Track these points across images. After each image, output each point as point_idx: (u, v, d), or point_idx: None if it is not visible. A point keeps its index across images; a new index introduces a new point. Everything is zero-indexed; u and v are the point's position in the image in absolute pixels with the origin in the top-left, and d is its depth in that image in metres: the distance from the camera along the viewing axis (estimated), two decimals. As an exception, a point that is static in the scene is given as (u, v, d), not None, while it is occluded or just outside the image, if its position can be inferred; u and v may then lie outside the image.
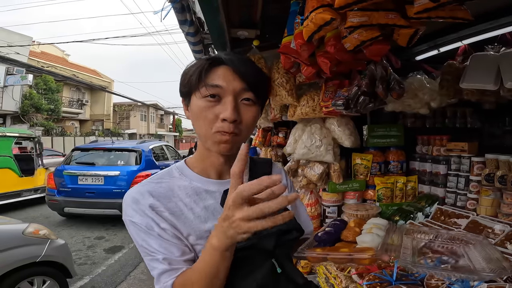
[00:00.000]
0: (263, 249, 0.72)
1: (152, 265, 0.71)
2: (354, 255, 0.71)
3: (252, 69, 0.77)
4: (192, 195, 0.77)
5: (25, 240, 2.53)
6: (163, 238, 0.71)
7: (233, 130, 0.72)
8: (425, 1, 0.77)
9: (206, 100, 0.72)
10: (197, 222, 0.75)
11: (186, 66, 0.80)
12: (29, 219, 4.76)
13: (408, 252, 0.76)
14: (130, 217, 0.73)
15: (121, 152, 6.35)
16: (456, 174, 1.89)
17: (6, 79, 15.49)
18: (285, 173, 0.97)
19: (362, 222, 0.89)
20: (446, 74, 1.64)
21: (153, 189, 0.76)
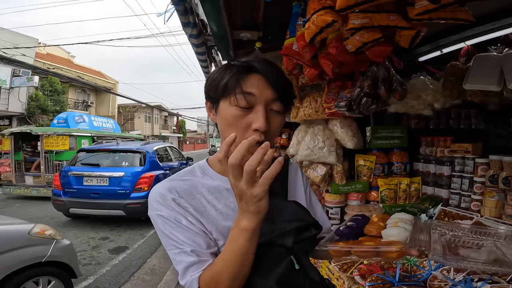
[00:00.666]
0: (282, 246, 0.73)
1: (179, 259, 0.71)
2: (381, 248, 0.69)
3: (283, 79, 0.77)
4: (214, 193, 0.79)
5: (31, 240, 2.56)
6: (191, 231, 0.73)
7: (263, 139, 0.71)
8: (426, 2, 0.77)
9: (238, 108, 0.72)
10: (219, 219, 0.77)
11: (215, 69, 0.81)
12: (35, 220, 4.80)
13: (438, 247, 0.73)
14: (158, 211, 0.75)
15: (126, 153, 6.39)
16: (460, 176, 1.88)
17: (12, 81, 15.67)
18: (301, 170, 0.98)
19: (386, 217, 0.87)
20: (449, 75, 1.63)
21: (177, 185, 0.78)
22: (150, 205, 0.77)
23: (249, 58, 0.78)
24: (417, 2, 0.82)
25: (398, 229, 0.76)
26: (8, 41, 14.26)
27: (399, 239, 0.71)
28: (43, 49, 19.29)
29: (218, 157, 0.66)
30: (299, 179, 0.94)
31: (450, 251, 0.74)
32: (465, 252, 0.76)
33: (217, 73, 0.77)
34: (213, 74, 0.79)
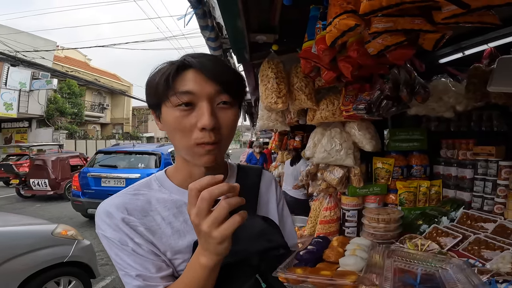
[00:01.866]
0: (248, 265, 0.70)
1: (125, 280, 0.68)
2: (337, 281, 0.68)
3: (225, 69, 0.69)
4: (171, 208, 0.73)
5: (54, 240, 2.63)
6: (137, 254, 0.67)
7: (214, 139, 0.65)
8: (454, 7, 0.76)
9: (179, 109, 0.65)
10: (175, 237, 0.71)
11: (149, 74, 0.71)
12: (54, 220, 4.95)
13: (389, 275, 0.73)
14: (102, 231, 0.69)
15: (142, 155, 6.52)
16: (483, 179, 1.84)
17: (32, 84, 16.21)
18: (275, 182, 0.92)
19: (345, 241, 0.87)
20: (472, 77, 1.60)
21: (129, 201, 0.71)
22: (96, 223, 0.71)
23: (184, 55, 0.70)
24: (444, 6, 0.81)
25: (355, 258, 0.76)
26: (28, 44, 14.72)
27: (355, 269, 0.71)
28: (61, 52, 19.85)
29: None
30: (272, 191, 0.89)
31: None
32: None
33: (151, 77, 0.70)
34: (149, 79, 0.70)
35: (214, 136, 0.65)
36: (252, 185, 0.84)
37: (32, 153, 10.96)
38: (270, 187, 0.89)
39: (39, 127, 17.77)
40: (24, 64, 13.62)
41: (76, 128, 19.41)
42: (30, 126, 17.69)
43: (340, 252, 0.81)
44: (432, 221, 1.84)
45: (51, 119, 17.88)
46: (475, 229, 1.62)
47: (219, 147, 0.67)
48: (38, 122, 17.81)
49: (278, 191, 0.90)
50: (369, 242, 0.86)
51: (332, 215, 2.26)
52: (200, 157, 0.67)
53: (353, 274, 0.69)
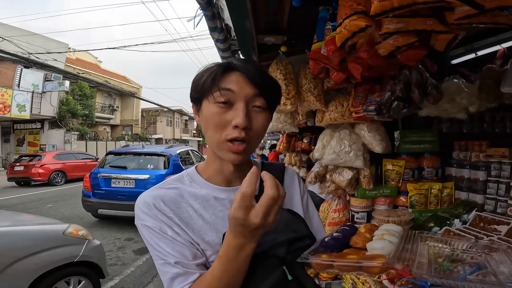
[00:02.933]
0: (275, 256, 0.72)
1: (163, 270, 0.70)
2: (363, 263, 0.67)
3: (263, 75, 0.76)
4: (201, 202, 0.78)
5: (65, 240, 2.67)
6: (176, 241, 0.71)
7: (244, 136, 0.70)
8: (467, 8, 0.74)
9: (217, 105, 0.71)
10: (206, 229, 0.75)
11: (197, 72, 0.79)
12: (65, 220, 5.03)
13: (423, 261, 0.69)
14: (143, 221, 0.73)
15: (151, 156, 6.57)
16: (497, 181, 1.80)
17: (44, 85, 16.53)
18: (298, 177, 0.95)
19: (374, 228, 0.84)
20: (485, 78, 1.57)
21: (163, 194, 0.76)
22: (136, 215, 0.75)
23: (231, 58, 0.79)
24: (457, 7, 0.79)
25: (383, 242, 0.73)
26: (41, 46, 15.01)
27: (383, 253, 0.69)
28: (73, 54, 20.21)
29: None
30: (296, 186, 0.92)
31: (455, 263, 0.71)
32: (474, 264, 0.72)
33: (198, 75, 0.77)
34: (196, 76, 0.78)
35: (244, 134, 0.70)
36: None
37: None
38: (293, 182, 0.92)
39: (51, 128, 18.10)
40: (37, 66, 13.94)
41: (87, 130, 19.71)
42: (43, 127, 18.03)
43: (368, 237, 0.79)
44: (444, 224, 1.81)
45: (63, 120, 18.20)
46: (488, 231, 1.58)
47: (246, 147, 0.73)
48: (50, 124, 18.14)
49: (302, 186, 0.93)
50: (400, 228, 0.83)
51: (341, 217, 2.25)
52: (228, 153, 0.72)
53: (382, 257, 0.67)
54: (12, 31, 14.50)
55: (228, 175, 0.81)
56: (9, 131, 17.92)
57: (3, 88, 14.79)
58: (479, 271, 1.18)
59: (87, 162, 13.56)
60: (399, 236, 0.78)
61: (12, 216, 3.23)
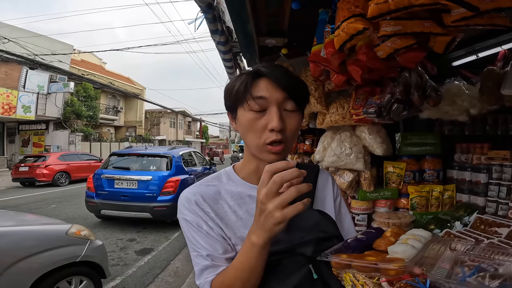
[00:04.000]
0: (302, 255, 0.74)
1: (196, 261, 0.77)
2: (380, 265, 0.66)
3: (291, 78, 0.79)
4: (236, 199, 0.82)
5: (68, 240, 2.68)
6: (209, 236, 0.77)
7: (281, 138, 0.74)
8: (463, 10, 0.75)
9: (253, 113, 0.75)
10: (239, 225, 0.79)
11: (228, 81, 0.84)
12: (68, 220, 5.06)
13: (446, 266, 0.67)
14: (183, 215, 0.80)
15: (154, 158, 6.61)
16: (498, 183, 1.79)
17: (49, 87, 16.67)
18: (332, 179, 0.97)
19: (400, 232, 0.82)
20: (486, 80, 1.56)
21: (203, 191, 0.82)
22: (178, 209, 0.82)
23: (258, 65, 0.80)
24: (453, 9, 0.79)
25: (405, 246, 0.72)
26: (46, 48, 15.13)
27: (403, 257, 0.68)
28: (78, 56, 20.35)
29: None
30: (329, 188, 0.93)
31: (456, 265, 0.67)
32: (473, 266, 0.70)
33: (231, 84, 0.81)
34: (228, 85, 0.82)
35: (281, 136, 0.74)
36: (310, 181, 0.89)
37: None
38: (327, 184, 0.94)
39: (56, 129, 18.24)
40: (42, 67, 14.05)
41: (91, 131, 19.83)
42: (48, 128, 18.16)
43: (392, 241, 0.78)
44: (444, 226, 1.80)
45: (67, 121, 18.33)
46: (489, 234, 1.58)
47: (284, 147, 0.77)
48: (55, 125, 18.27)
49: (335, 189, 0.95)
50: (429, 234, 0.81)
51: (341, 220, 2.24)
52: (268, 154, 0.76)
53: (400, 261, 0.66)
54: (18, 32, 14.65)
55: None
56: (14, 132, 18.09)
57: (9, 89, 14.96)
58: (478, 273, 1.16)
59: (91, 163, 13.64)
60: (425, 241, 0.77)
61: (16, 216, 3.26)
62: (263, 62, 0.82)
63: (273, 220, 0.59)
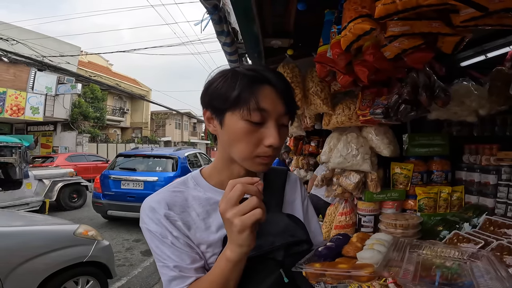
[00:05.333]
0: (272, 260, 0.73)
1: (163, 272, 0.74)
2: (352, 272, 0.70)
3: (291, 91, 0.75)
4: (205, 206, 0.78)
5: (75, 240, 2.71)
6: (175, 246, 0.73)
7: (275, 154, 0.73)
8: (472, 10, 0.74)
9: (248, 123, 0.69)
10: (208, 232, 0.76)
11: (215, 74, 0.75)
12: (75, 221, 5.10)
13: (411, 268, 0.71)
14: (146, 225, 0.76)
15: (159, 158, 6.65)
16: (507, 184, 1.76)
17: (57, 88, 16.87)
18: (300, 182, 0.97)
19: (365, 237, 0.87)
20: (495, 80, 1.54)
21: (169, 198, 0.78)
22: (141, 217, 0.78)
23: (253, 66, 0.76)
24: (462, 9, 0.79)
25: (372, 251, 0.75)
26: (54, 49, 15.30)
27: (372, 262, 0.71)
28: (85, 57, 20.55)
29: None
30: (298, 191, 0.93)
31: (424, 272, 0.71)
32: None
33: (222, 82, 0.72)
34: (216, 81, 0.73)
35: (275, 152, 0.72)
36: (278, 185, 0.89)
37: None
38: (295, 187, 0.93)
39: (63, 130, 18.44)
40: (50, 69, 14.23)
41: (98, 132, 20.02)
42: (55, 129, 18.36)
43: (359, 247, 0.81)
44: (453, 227, 1.78)
45: (75, 122, 18.51)
46: (498, 235, 1.56)
47: (273, 160, 0.75)
48: (62, 126, 18.47)
49: (303, 191, 0.95)
50: (390, 237, 0.85)
51: (347, 220, 2.23)
52: (257, 165, 0.74)
53: (370, 266, 0.70)
54: (26, 34, 14.84)
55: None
56: (22, 133, 18.30)
57: (17, 90, 15.16)
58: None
59: (98, 164, 13.77)
60: (388, 245, 0.81)
61: (25, 216, 3.30)
62: (261, 65, 0.78)
63: (234, 228, 0.59)
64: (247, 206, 0.58)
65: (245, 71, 0.71)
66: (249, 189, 0.59)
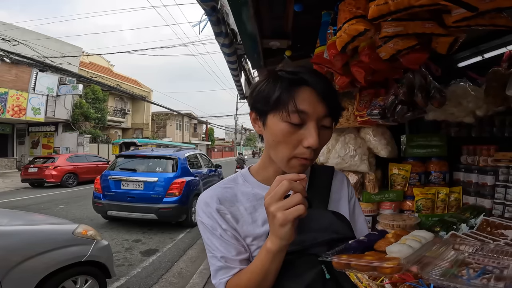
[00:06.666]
0: (314, 255, 0.73)
1: (211, 262, 0.79)
2: (375, 263, 0.68)
3: (333, 92, 0.75)
4: (252, 201, 0.82)
5: (75, 240, 2.71)
6: (223, 238, 0.78)
7: (313, 156, 0.72)
8: (463, 10, 0.74)
9: (288, 124, 0.70)
10: (254, 226, 0.80)
11: (260, 79, 0.79)
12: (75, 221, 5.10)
13: (445, 265, 0.67)
14: (200, 218, 0.81)
15: (160, 159, 6.65)
16: (505, 185, 1.77)
17: (59, 89, 16.93)
18: (347, 181, 0.96)
19: (403, 234, 0.82)
20: (491, 81, 1.54)
21: (220, 193, 0.83)
22: (196, 211, 0.84)
23: (295, 68, 0.75)
24: (453, 10, 0.79)
25: (402, 246, 0.73)
26: (55, 50, 15.34)
27: (399, 256, 0.69)
28: (86, 58, 20.59)
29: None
30: (344, 189, 0.93)
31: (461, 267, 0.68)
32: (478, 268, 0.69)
33: (264, 85, 0.75)
34: (259, 85, 0.76)
35: (314, 154, 0.72)
36: (324, 183, 0.90)
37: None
38: (342, 185, 0.93)
39: (64, 131, 18.49)
40: (52, 70, 14.28)
41: (99, 133, 20.05)
42: (57, 130, 18.41)
43: (392, 242, 0.78)
44: (450, 228, 1.78)
45: (76, 123, 18.56)
46: (495, 236, 1.56)
47: (312, 162, 0.75)
48: (64, 126, 18.52)
49: (350, 190, 0.95)
50: (431, 235, 0.81)
51: (346, 222, 2.23)
52: (293, 168, 0.74)
53: (396, 259, 0.67)
54: (28, 34, 14.91)
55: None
56: (24, 133, 18.40)
57: (19, 91, 15.22)
58: (483, 275, 1.15)
59: (99, 164, 13.79)
60: (425, 241, 0.77)
61: (25, 216, 3.30)
62: (303, 67, 0.75)
63: (276, 221, 0.62)
64: (291, 202, 0.61)
65: (285, 74, 0.73)
66: (294, 186, 0.62)
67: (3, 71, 14.79)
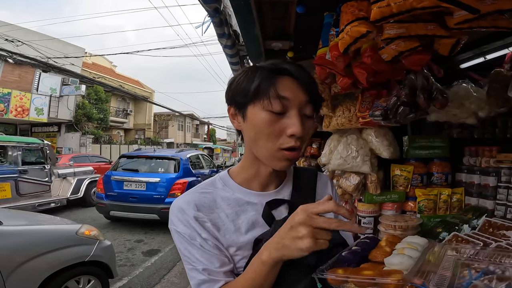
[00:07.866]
0: (305, 264, 0.70)
1: (191, 275, 0.72)
2: (377, 280, 0.63)
3: (313, 81, 0.73)
4: (233, 207, 0.76)
5: (78, 240, 2.73)
6: (204, 249, 0.71)
7: (299, 144, 0.69)
8: (465, 12, 0.75)
9: (270, 113, 0.68)
10: (238, 234, 0.74)
11: (238, 72, 0.76)
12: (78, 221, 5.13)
13: (447, 274, 0.65)
14: (175, 227, 0.74)
15: (162, 160, 6.68)
16: (507, 186, 1.76)
17: (62, 89, 16.99)
18: (331, 182, 0.93)
19: (395, 241, 0.79)
20: (494, 82, 1.54)
21: (197, 199, 0.76)
22: (170, 219, 0.76)
23: (275, 60, 0.74)
24: (455, 11, 0.80)
25: (402, 257, 0.70)
26: (58, 51, 15.40)
27: (401, 268, 0.66)
28: (89, 59, 20.67)
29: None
30: (328, 192, 0.90)
31: (462, 268, 0.67)
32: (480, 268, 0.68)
33: (243, 76, 0.73)
34: (238, 77, 0.74)
35: (299, 142, 0.69)
36: (309, 186, 0.86)
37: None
38: (326, 187, 0.90)
39: (67, 131, 18.55)
40: (55, 70, 14.34)
41: (101, 133, 20.11)
42: (59, 130, 18.47)
43: (388, 251, 0.75)
44: (452, 229, 1.78)
45: (79, 124, 18.61)
46: (497, 237, 1.56)
47: (299, 154, 0.72)
48: (67, 127, 18.58)
49: (334, 192, 0.92)
50: (425, 240, 0.79)
51: (348, 222, 2.23)
52: (280, 161, 0.71)
53: (398, 273, 0.64)
54: (31, 35, 14.97)
55: (264, 179, 0.80)
56: (27, 134, 18.44)
57: (22, 91, 15.29)
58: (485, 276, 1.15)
59: (101, 165, 13.80)
60: (422, 249, 0.74)
61: (28, 216, 3.33)
62: (280, 60, 0.74)
63: (294, 232, 0.57)
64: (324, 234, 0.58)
65: (264, 64, 0.73)
66: (340, 210, 0.58)
67: (7, 72, 14.86)
